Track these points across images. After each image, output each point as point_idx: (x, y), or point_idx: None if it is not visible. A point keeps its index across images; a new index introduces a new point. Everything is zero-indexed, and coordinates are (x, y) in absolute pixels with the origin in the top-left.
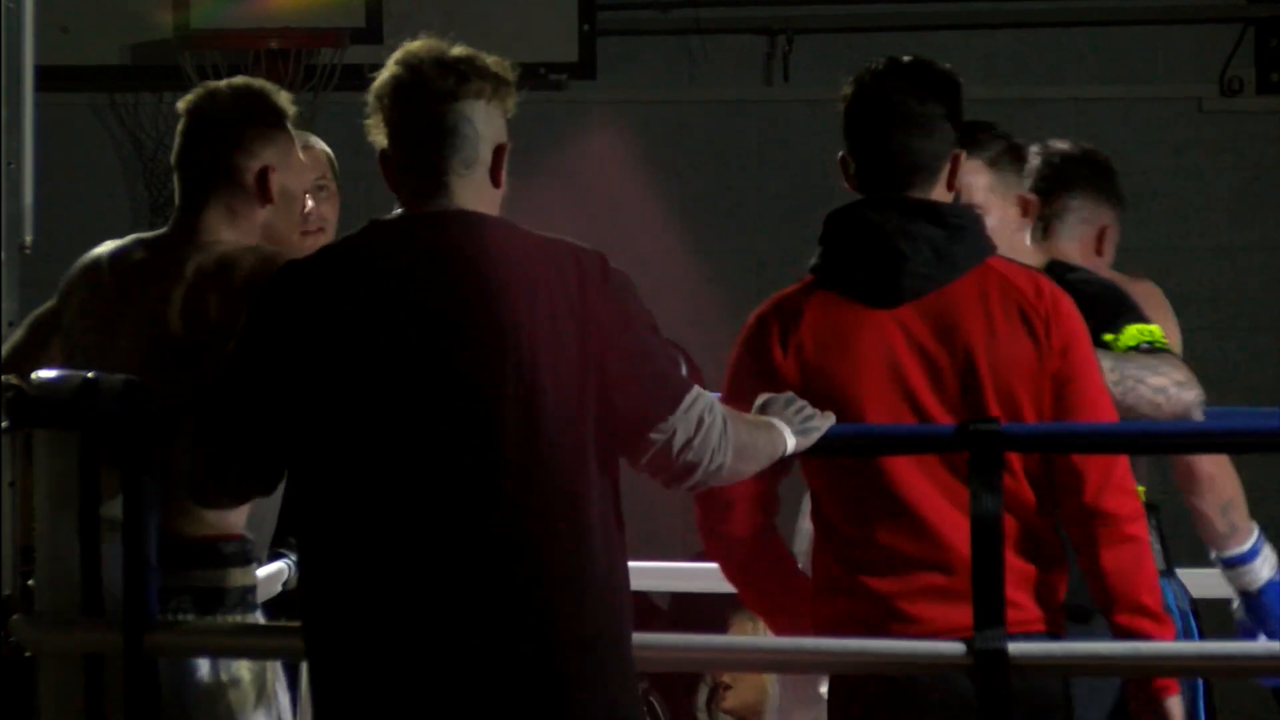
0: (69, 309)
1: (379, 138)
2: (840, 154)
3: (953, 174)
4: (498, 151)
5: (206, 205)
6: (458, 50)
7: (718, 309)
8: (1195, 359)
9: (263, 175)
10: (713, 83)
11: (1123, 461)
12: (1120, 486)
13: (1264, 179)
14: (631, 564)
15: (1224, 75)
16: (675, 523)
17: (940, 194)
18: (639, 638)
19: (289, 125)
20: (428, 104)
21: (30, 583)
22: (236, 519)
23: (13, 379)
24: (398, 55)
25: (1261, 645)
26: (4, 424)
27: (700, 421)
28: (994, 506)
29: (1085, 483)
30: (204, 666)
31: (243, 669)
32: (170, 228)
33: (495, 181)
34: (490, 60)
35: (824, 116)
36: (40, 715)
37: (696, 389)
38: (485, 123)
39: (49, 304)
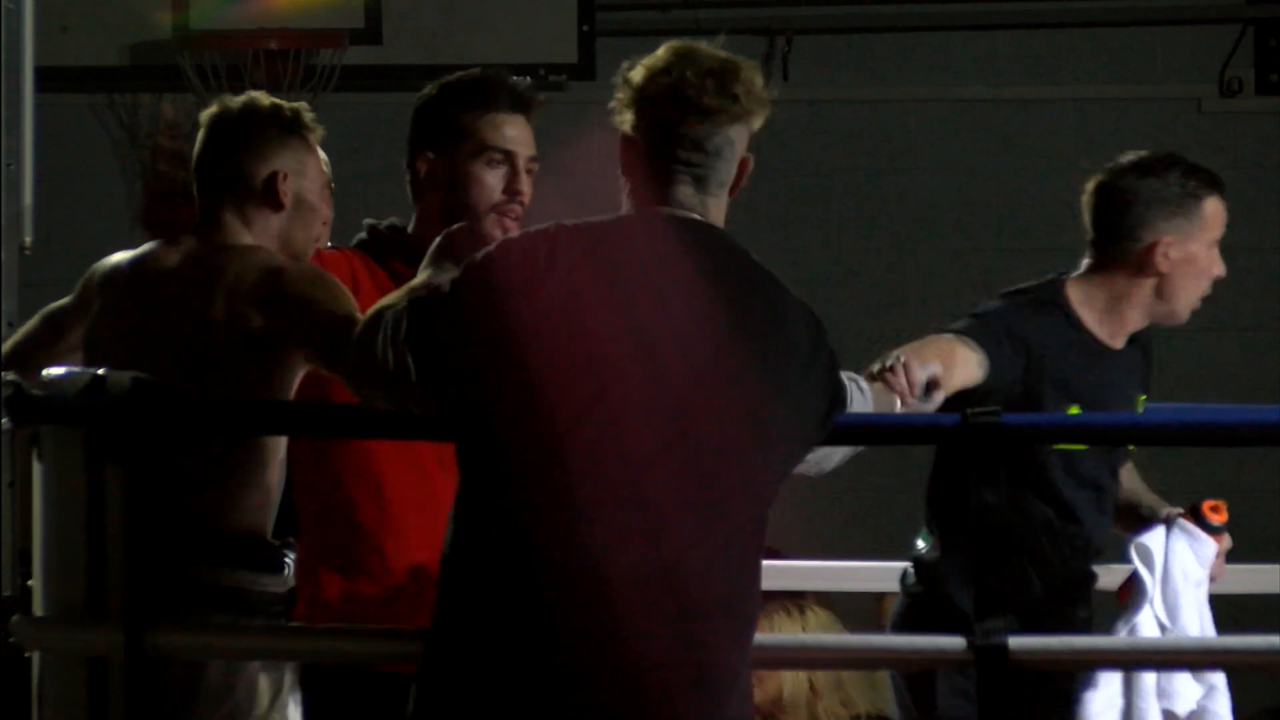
0: (92, 316)
1: (626, 121)
2: None
3: None
4: (742, 165)
5: (221, 211)
6: (727, 61)
7: None
8: (1196, 359)
9: (270, 180)
10: None
11: None
12: None
13: (1264, 179)
14: None
15: (1224, 75)
16: None
17: None
18: None
19: (309, 137)
20: (697, 122)
21: (30, 583)
22: (266, 522)
23: (12, 376)
24: (672, 53)
25: (1263, 639)
26: (4, 422)
27: None
28: (994, 500)
29: None
30: (216, 670)
31: (259, 674)
32: (193, 235)
33: (732, 193)
34: (757, 75)
35: (824, 116)
36: (42, 716)
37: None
38: (741, 142)
39: (65, 300)
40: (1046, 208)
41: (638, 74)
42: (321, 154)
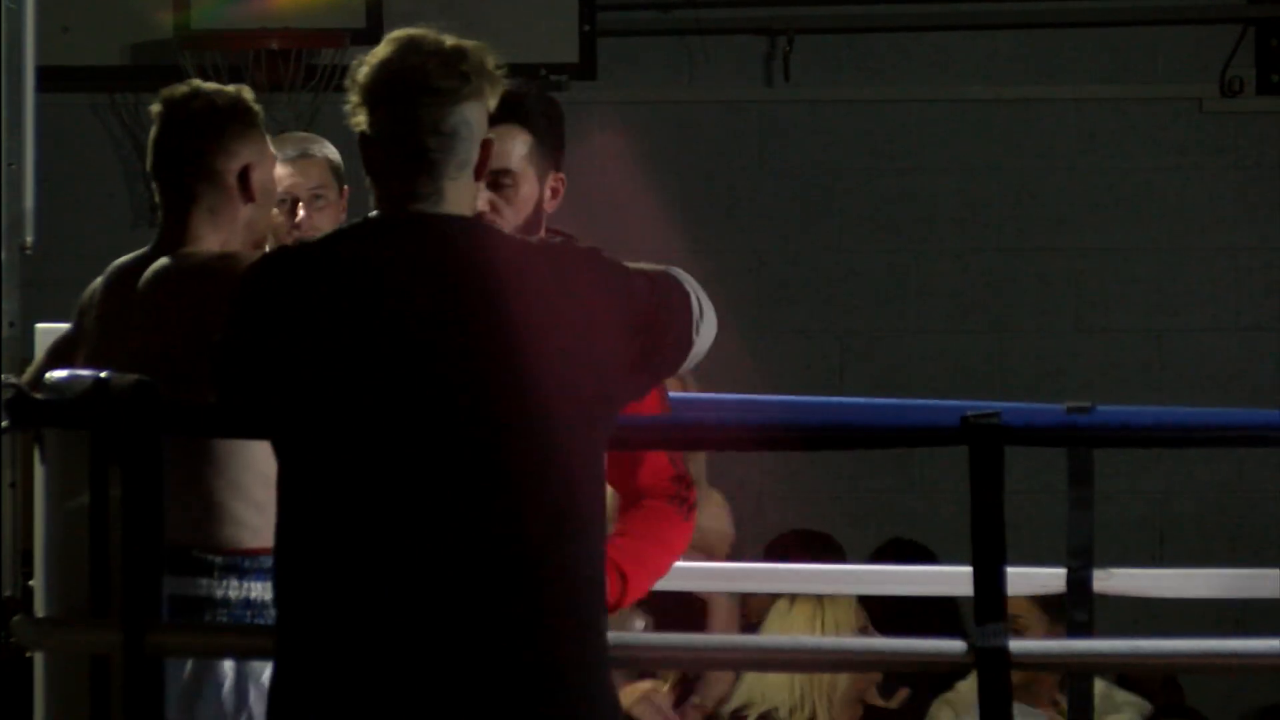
0: (83, 332)
1: (361, 121)
2: None
3: None
4: (484, 147)
5: (190, 209)
6: (453, 43)
7: (718, 309)
8: (1196, 359)
9: (244, 174)
10: (713, 83)
11: None
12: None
13: (1264, 179)
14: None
15: (1224, 75)
16: None
17: None
18: (629, 636)
19: (259, 123)
20: (429, 104)
21: (31, 583)
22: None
23: (12, 378)
24: (394, 43)
25: (1260, 642)
26: (3, 423)
27: (701, 327)
28: (995, 501)
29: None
30: (228, 671)
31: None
32: (158, 237)
33: (479, 176)
34: (487, 55)
35: (824, 116)
36: (46, 717)
37: (690, 301)
38: (480, 122)
39: (67, 330)
40: (1046, 208)
41: (363, 71)
42: (325, 151)
